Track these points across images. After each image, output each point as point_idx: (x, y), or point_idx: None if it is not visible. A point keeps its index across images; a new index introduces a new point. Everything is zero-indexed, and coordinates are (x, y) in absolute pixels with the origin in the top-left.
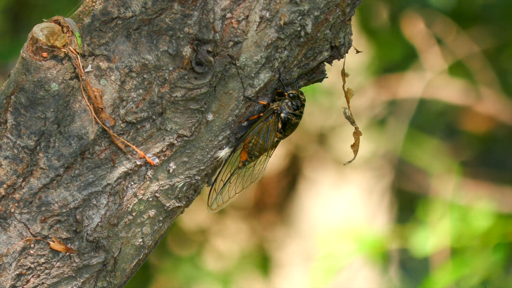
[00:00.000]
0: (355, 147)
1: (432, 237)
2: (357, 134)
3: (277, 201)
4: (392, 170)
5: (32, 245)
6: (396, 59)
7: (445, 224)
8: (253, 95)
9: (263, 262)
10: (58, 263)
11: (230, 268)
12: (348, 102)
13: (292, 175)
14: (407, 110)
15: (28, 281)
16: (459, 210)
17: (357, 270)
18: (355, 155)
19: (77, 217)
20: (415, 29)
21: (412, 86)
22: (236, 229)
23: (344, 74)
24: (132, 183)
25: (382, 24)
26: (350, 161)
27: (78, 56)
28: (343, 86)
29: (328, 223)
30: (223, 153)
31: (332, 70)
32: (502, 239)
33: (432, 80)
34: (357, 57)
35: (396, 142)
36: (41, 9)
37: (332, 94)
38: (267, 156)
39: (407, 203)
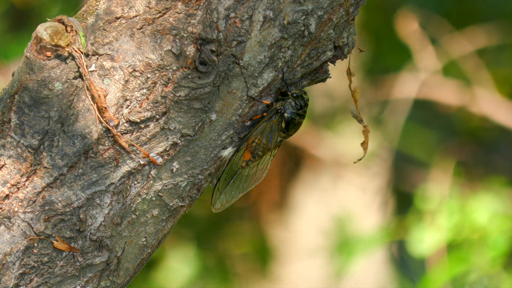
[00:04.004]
0: (364, 144)
1: (429, 234)
2: (366, 132)
3: (275, 198)
4: (389, 169)
5: (35, 244)
6: (391, 59)
7: (442, 220)
8: (256, 94)
9: (263, 259)
10: (61, 262)
11: (230, 265)
12: (356, 101)
13: (291, 171)
14: (401, 110)
15: (31, 280)
16: (456, 206)
17: (355, 266)
18: (365, 152)
19: (81, 216)
20: (410, 29)
21: (407, 86)
22: (236, 226)
23: (349, 74)
24: (135, 182)
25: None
26: (360, 159)
27: (81, 55)
28: (350, 86)
29: (325, 221)
30: (227, 152)
31: (334, 69)
32: (501, 234)
33: (426, 80)
34: (353, 57)
35: (392, 142)
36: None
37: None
38: (270, 156)
39: (403, 203)
